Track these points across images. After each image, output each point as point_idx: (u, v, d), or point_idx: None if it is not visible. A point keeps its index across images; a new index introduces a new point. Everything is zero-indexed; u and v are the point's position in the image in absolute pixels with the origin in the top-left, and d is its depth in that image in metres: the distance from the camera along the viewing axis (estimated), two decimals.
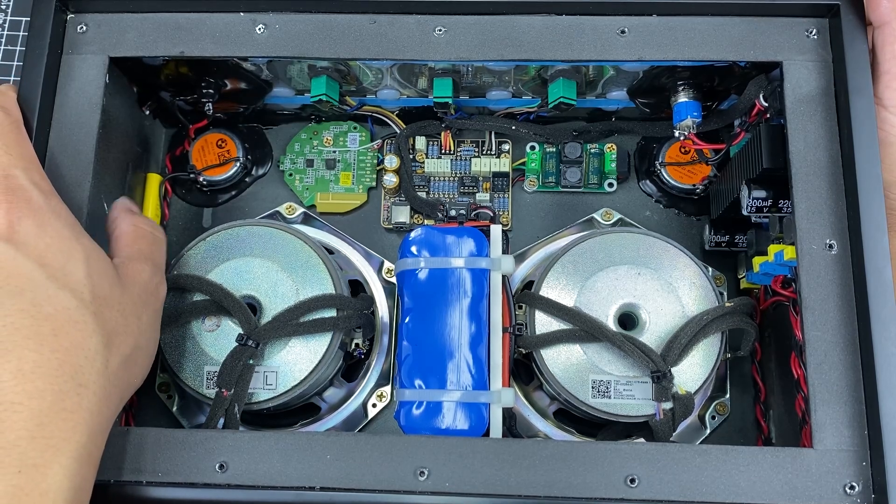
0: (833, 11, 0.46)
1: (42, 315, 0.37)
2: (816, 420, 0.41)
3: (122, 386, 0.41)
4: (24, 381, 0.36)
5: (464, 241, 0.48)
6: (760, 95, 0.49)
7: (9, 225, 0.38)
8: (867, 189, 0.42)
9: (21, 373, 0.36)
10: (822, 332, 0.42)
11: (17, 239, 0.38)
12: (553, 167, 0.58)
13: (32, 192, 0.39)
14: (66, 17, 0.48)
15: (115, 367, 0.39)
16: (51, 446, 0.35)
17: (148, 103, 0.56)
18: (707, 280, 0.49)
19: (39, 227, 0.38)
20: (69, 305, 0.38)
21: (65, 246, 0.39)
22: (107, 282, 0.40)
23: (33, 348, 0.36)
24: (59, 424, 0.36)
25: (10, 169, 0.39)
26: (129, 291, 0.41)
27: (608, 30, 0.47)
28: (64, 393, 0.36)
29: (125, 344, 0.40)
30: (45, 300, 0.37)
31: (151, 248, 0.45)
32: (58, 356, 0.37)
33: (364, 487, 0.41)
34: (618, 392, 0.48)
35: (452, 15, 0.48)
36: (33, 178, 0.40)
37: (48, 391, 0.36)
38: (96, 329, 0.38)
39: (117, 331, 0.40)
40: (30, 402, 0.36)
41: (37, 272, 0.37)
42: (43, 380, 0.36)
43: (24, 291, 0.37)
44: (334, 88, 0.53)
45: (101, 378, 0.38)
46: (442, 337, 0.47)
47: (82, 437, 0.37)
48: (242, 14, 0.48)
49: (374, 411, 0.53)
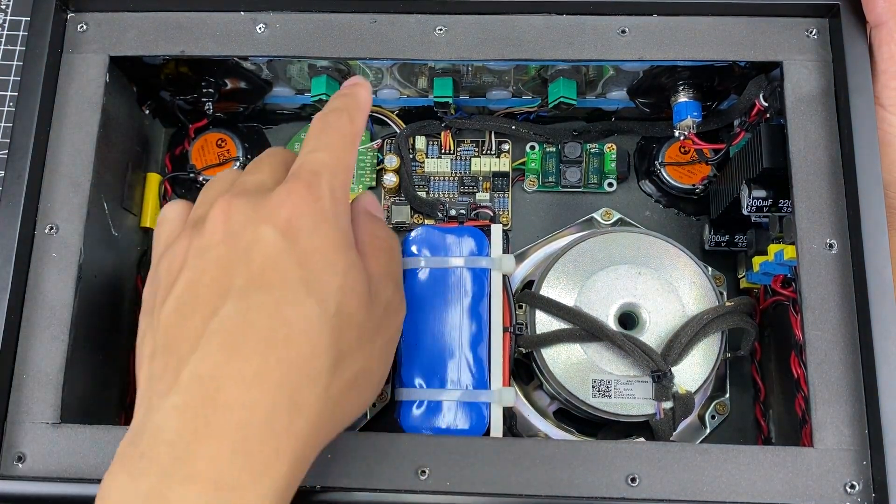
0: (833, 11, 0.46)
1: (281, 318, 0.35)
2: (816, 419, 0.41)
3: (339, 415, 0.38)
4: (242, 385, 0.34)
5: (464, 240, 0.48)
6: (760, 95, 0.49)
7: (289, 217, 0.36)
8: (867, 189, 0.42)
9: (241, 376, 0.34)
10: (822, 332, 0.42)
11: (290, 233, 0.36)
12: (553, 167, 0.58)
13: (325, 197, 0.37)
14: (66, 17, 0.48)
15: (336, 393, 0.36)
16: (252, 468, 0.33)
17: (148, 103, 0.56)
18: (707, 280, 0.49)
19: (314, 227, 0.36)
20: (311, 315, 0.35)
21: (330, 255, 0.37)
22: (356, 300, 0.37)
23: (261, 353, 0.34)
24: (263, 445, 0.33)
25: (321, 169, 0.38)
26: (373, 313, 0.39)
27: (608, 29, 0.47)
28: (278, 410, 0.34)
29: (352, 368, 0.37)
30: (290, 303, 0.35)
31: (391, 263, 0.41)
32: (282, 369, 0.34)
33: (364, 487, 0.41)
34: (618, 391, 0.48)
35: (453, 14, 0.48)
36: (334, 185, 0.38)
37: (261, 405, 0.33)
38: (329, 347, 0.36)
39: (349, 353, 0.37)
40: (241, 411, 0.33)
41: (293, 272, 0.35)
42: (259, 390, 0.34)
43: (274, 289, 0.35)
44: (334, 88, 0.53)
45: (319, 403, 0.35)
46: (442, 336, 0.47)
47: (284, 465, 0.34)
48: (243, 13, 0.48)
49: (374, 411, 0.53)
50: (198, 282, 0.36)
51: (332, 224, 0.37)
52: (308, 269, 0.36)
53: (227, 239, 0.36)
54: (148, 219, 0.56)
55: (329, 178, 0.38)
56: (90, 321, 0.47)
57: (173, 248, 0.38)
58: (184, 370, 0.34)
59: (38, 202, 0.46)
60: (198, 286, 0.36)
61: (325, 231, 0.37)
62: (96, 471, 0.42)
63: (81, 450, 0.42)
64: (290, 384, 0.34)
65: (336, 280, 0.36)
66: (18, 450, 0.43)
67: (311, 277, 0.36)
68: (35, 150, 0.45)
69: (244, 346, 0.34)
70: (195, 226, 0.38)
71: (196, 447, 0.33)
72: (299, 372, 0.35)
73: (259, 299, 0.35)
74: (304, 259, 0.36)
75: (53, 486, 0.42)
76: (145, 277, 0.54)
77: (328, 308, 0.36)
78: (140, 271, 0.55)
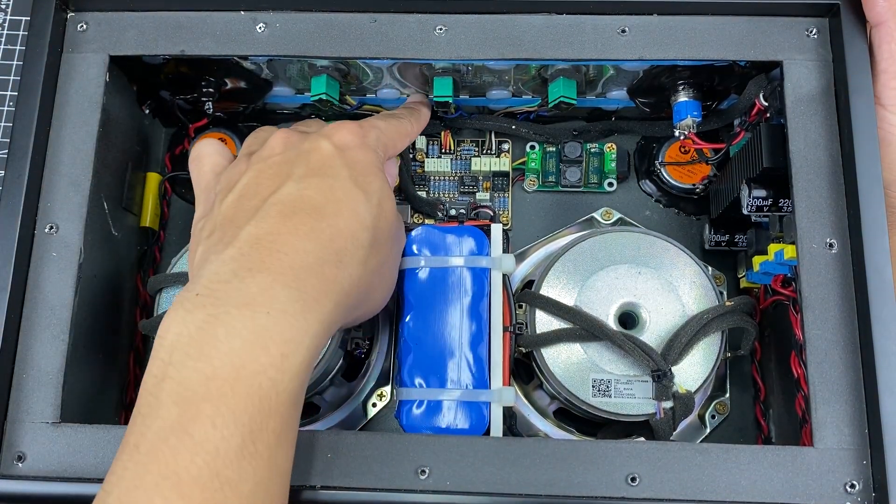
0: (833, 11, 0.46)
1: (333, 197, 0.40)
2: (817, 419, 0.41)
3: (371, 290, 0.43)
4: (296, 237, 0.38)
5: (464, 240, 0.48)
6: (760, 95, 0.49)
7: (341, 137, 0.43)
8: (867, 188, 0.42)
9: (297, 230, 0.38)
10: (823, 331, 0.42)
11: (342, 147, 0.43)
12: (553, 167, 0.58)
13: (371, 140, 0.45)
14: (66, 16, 0.48)
15: (372, 268, 0.42)
16: (302, 299, 0.37)
17: (148, 102, 0.56)
18: (707, 279, 0.49)
19: (362, 148, 0.44)
20: (357, 199, 0.41)
21: (373, 167, 0.43)
22: (390, 204, 0.43)
23: (315, 216, 0.39)
24: (314, 282, 0.38)
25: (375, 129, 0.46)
26: (397, 221, 0.45)
27: (609, 29, 0.47)
28: (325, 261, 0.38)
29: (382, 254, 0.43)
30: (340, 188, 0.41)
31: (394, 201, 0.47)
32: (332, 230, 0.39)
33: (365, 486, 0.41)
34: (618, 391, 0.48)
35: (453, 14, 0.48)
36: (381, 140, 0.46)
37: (312, 253, 0.38)
38: (369, 228, 0.41)
39: (381, 241, 0.42)
40: (294, 255, 0.37)
41: (344, 169, 0.42)
42: (313, 242, 0.38)
43: (328, 176, 0.41)
44: (334, 87, 0.53)
45: (359, 268, 0.40)
46: (442, 336, 0.47)
47: (329, 304, 0.38)
48: (243, 13, 0.48)
49: (374, 410, 0.53)
50: (260, 176, 0.42)
51: (374, 154, 0.44)
52: (356, 170, 0.42)
53: (288, 149, 0.43)
54: (148, 219, 0.56)
55: (378, 136, 0.46)
56: (90, 321, 0.47)
57: (232, 169, 0.44)
58: (243, 230, 0.39)
59: (38, 202, 0.46)
60: (260, 178, 0.41)
61: (369, 153, 0.44)
62: (96, 470, 0.42)
63: (81, 449, 0.42)
64: (339, 244, 0.39)
65: (377, 182, 0.43)
66: (18, 449, 0.43)
67: (359, 177, 0.42)
68: (35, 150, 0.45)
69: (300, 212, 0.39)
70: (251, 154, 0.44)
71: (251, 280, 0.36)
72: (346, 237, 0.40)
73: (315, 182, 0.41)
74: (353, 165, 0.42)
75: (53, 486, 0.42)
76: (145, 277, 0.55)
77: (371, 199, 0.42)
78: (140, 271, 0.55)
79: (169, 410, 0.34)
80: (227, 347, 0.35)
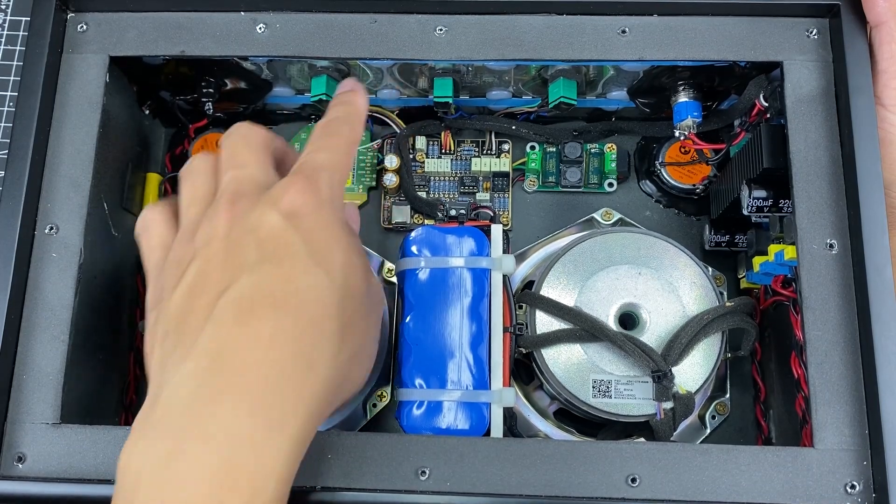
0: (833, 11, 0.46)
1: (292, 286, 0.36)
2: (817, 419, 0.41)
3: (347, 380, 0.40)
4: (257, 345, 0.35)
5: (464, 240, 0.48)
6: (761, 95, 0.49)
7: (291, 202, 0.38)
8: (868, 188, 0.42)
9: (257, 338, 0.35)
10: (823, 332, 0.42)
11: (294, 214, 0.38)
12: (553, 167, 0.58)
13: (324, 189, 0.39)
14: (66, 17, 0.48)
15: (345, 358, 0.38)
16: (268, 425, 0.34)
17: (148, 103, 0.56)
18: (707, 280, 0.49)
19: (317, 209, 0.38)
20: (320, 283, 0.37)
21: (332, 232, 0.39)
22: (358, 276, 0.40)
23: (274, 316, 0.35)
24: (282, 399, 0.34)
25: (322, 167, 0.40)
26: (370, 291, 0.41)
27: (609, 29, 0.47)
28: (292, 369, 0.35)
29: (356, 337, 0.40)
30: (300, 273, 0.37)
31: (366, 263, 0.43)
32: (296, 330, 0.36)
33: (364, 487, 0.41)
34: (618, 392, 0.48)
35: (453, 14, 0.48)
36: (332, 182, 0.40)
37: (276, 363, 0.35)
38: (337, 314, 0.37)
39: (354, 323, 0.39)
40: (257, 370, 0.34)
41: (300, 246, 0.37)
42: (277, 349, 0.35)
43: (284, 261, 0.37)
44: (334, 88, 0.53)
45: (331, 365, 0.37)
46: (442, 336, 0.47)
47: (299, 422, 0.35)
48: (243, 13, 0.48)
49: (374, 411, 0.53)
50: (208, 265, 0.37)
51: (331, 209, 0.39)
52: (314, 244, 0.38)
53: (234, 227, 0.38)
54: None
55: (328, 175, 0.40)
56: (90, 321, 0.47)
57: (177, 250, 0.39)
58: (198, 339, 0.35)
59: (38, 202, 0.46)
60: (208, 268, 0.37)
61: (326, 214, 0.39)
62: (96, 471, 0.42)
63: (81, 450, 0.42)
64: (304, 344, 0.36)
65: (340, 255, 0.38)
66: (18, 450, 0.43)
67: (318, 252, 0.38)
68: (35, 150, 0.45)
69: (258, 312, 0.35)
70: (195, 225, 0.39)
71: (212, 407, 0.33)
72: (312, 333, 0.36)
73: (270, 270, 0.36)
74: (309, 236, 0.38)
75: (53, 487, 0.42)
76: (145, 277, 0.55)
77: (335, 279, 0.38)
78: (140, 271, 0.55)
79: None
80: (193, 489, 0.32)
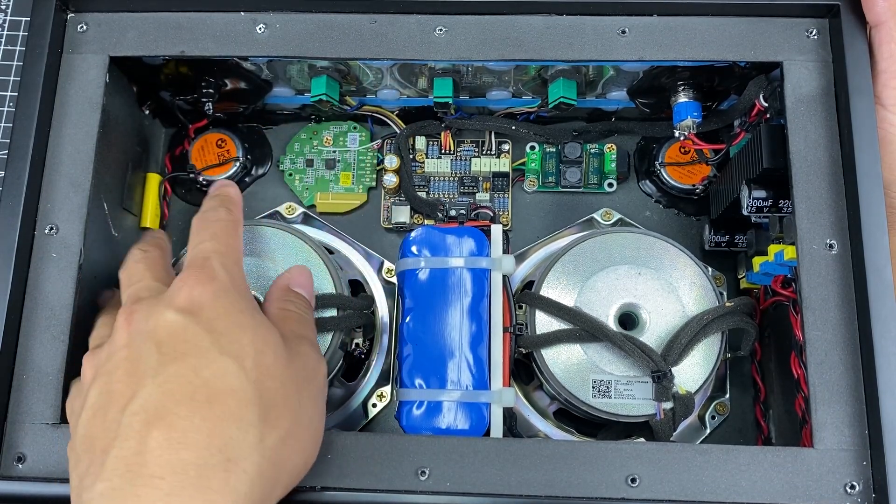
0: (833, 11, 0.46)
1: (200, 380, 0.35)
2: (817, 420, 0.41)
3: (281, 466, 0.37)
4: (169, 450, 0.33)
5: (464, 240, 0.48)
6: (760, 95, 0.49)
7: (188, 297, 0.37)
8: (867, 189, 0.42)
9: (168, 442, 0.33)
10: (823, 332, 0.42)
11: (192, 308, 0.37)
12: (553, 167, 0.58)
13: (220, 275, 0.39)
14: (66, 17, 0.48)
15: (273, 444, 0.36)
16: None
17: (148, 103, 0.56)
18: (707, 280, 0.49)
19: (215, 297, 0.38)
20: (229, 371, 0.36)
21: (235, 316, 0.38)
22: (271, 352, 0.38)
23: (184, 415, 0.34)
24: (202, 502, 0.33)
25: (210, 254, 0.40)
26: (293, 365, 0.39)
27: (609, 30, 0.47)
28: (210, 468, 0.33)
29: (284, 419, 0.37)
30: (206, 365, 0.36)
31: (301, 326, 0.43)
32: (208, 425, 0.34)
33: (364, 487, 0.41)
34: (618, 392, 0.48)
35: (453, 15, 0.48)
36: (226, 264, 0.40)
37: (192, 465, 0.33)
38: (254, 399, 0.36)
39: (276, 404, 0.37)
40: (172, 477, 0.33)
41: (203, 337, 0.36)
42: (189, 451, 0.33)
43: (187, 357, 0.36)
44: (334, 88, 0.53)
45: (255, 454, 0.35)
46: (442, 337, 0.47)
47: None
48: (243, 13, 0.48)
49: (374, 411, 0.53)
50: (110, 382, 0.36)
51: (231, 293, 0.38)
52: (218, 333, 0.37)
53: (133, 337, 0.37)
54: (148, 219, 0.56)
55: (219, 259, 0.39)
56: (90, 321, 0.47)
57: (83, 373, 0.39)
58: (107, 459, 0.34)
59: (38, 202, 0.46)
60: (111, 385, 0.36)
61: (225, 299, 0.38)
62: None
63: None
64: (221, 440, 0.34)
65: (249, 337, 0.37)
66: (18, 450, 0.43)
67: (222, 339, 0.36)
68: (35, 150, 0.45)
69: (165, 415, 0.34)
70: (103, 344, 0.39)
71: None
72: (228, 426, 0.35)
73: (174, 370, 0.35)
74: (211, 325, 0.37)
75: (53, 487, 0.42)
76: None
77: (245, 363, 0.36)
78: None
79: None
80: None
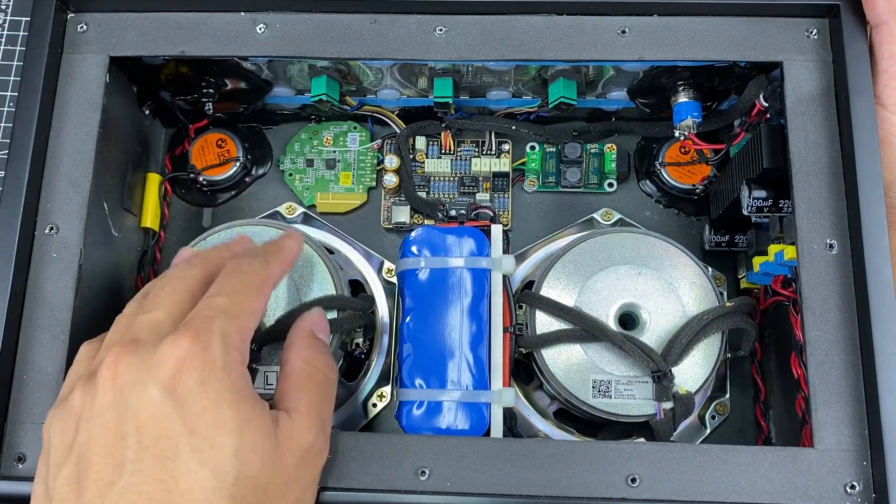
0: (833, 11, 0.46)
1: (177, 491, 0.33)
2: (817, 420, 0.41)
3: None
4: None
5: (464, 240, 0.48)
6: (760, 95, 0.49)
7: (175, 374, 0.35)
8: (867, 189, 0.42)
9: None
10: (823, 332, 0.42)
11: (178, 393, 0.35)
12: (553, 167, 0.58)
13: (215, 345, 0.36)
14: (66, 17, 0.48)
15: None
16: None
17: (148, 103, 0.56)
18: (707, 280, 0.49)
19: (202, 385, 0.35)
20: (206, 486, 0.34)
21: (220, 413, 0.35)
22: (258, 460, 0.35)
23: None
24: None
25: (216, 315, 0.37)
26: (283, 465, 0.37)
27: (609, 30, 0.47)
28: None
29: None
30: (184, 475, 0.34)
31: (321, 400, 0.40)
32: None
33: (365, 487, 0.41)
34: (618, 392, 0.48)
35: (453, 15, 0.48)
36: (227, 331, 0.37)
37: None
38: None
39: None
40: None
41: (184, 440, 0.34)
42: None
43: (167, 460, 0.34)
44: (334, 88, 0.53)
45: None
46: (442, 337, 0.47)
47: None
48: (243, 13, 0.48)
49: (374, 411, 0.53)
50: (90, 450, 0.35)
51: (220, 378, 0.36)
52: (199, 434, 0.34)
53: (117, 401, 0.35)
54: (148, 219, 0.56)
55: (223, 323, 0.37)
56: (90, 321, 0.47)
57: (68, 404, 0.37)
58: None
59: (38, 202, 0.46)
60: (90, 455, 0.35)
61: (213, 388, 0.35)
62: None
63: None
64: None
65: (230, 442, 0.35)
66: (18, 450, 0.43)
67: (203, 444, 0.34)
68: (35, 150, 0.45)
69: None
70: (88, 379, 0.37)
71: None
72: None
73: (152, 472, 0.34)
74: (193, 423, 0.35)
75: None
76: (145, 277, 0.55)
77: (225, 477, 0.34)
78: (140, 271, 0.55)
79: None
80: None
